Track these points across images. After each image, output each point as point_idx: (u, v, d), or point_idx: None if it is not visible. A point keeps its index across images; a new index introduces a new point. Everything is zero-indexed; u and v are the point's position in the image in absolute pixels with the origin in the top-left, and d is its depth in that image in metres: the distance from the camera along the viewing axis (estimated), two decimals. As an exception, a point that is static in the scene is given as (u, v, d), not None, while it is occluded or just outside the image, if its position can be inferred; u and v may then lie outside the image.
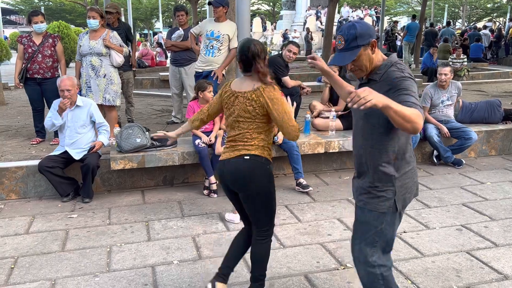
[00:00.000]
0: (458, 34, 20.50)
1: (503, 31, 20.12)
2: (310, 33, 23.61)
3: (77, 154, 4.47)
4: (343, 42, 2.12)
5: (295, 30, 25.93)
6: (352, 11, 30.01)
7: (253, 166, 2.53)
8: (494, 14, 38.50)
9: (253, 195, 2.55)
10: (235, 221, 3.95)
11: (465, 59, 12.93)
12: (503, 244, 3.53)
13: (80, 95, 5.38)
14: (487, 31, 20.28)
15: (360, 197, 2.26)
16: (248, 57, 2.53)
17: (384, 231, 2.20)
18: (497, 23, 33.99)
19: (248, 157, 2.53)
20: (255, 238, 2.67)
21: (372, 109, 2.04)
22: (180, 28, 6.55)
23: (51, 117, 4.51)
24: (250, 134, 2.55)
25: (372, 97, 1.78)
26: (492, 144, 5.99)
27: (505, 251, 3.41)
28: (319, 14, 28.26)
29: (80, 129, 4.50)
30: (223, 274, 2.74)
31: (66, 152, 4.47)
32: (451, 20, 28.54)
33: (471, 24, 35.54)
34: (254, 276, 2.71)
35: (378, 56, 2.18)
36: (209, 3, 5.55)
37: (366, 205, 2.22)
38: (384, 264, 2.24)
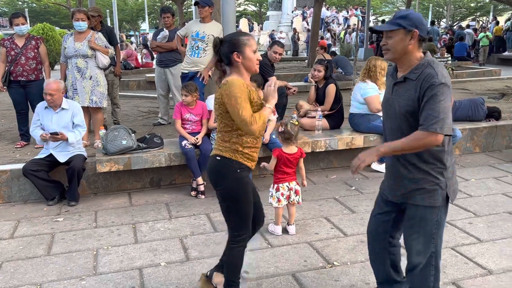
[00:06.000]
0: (443, 33, 20.74)
1: (487, 30, 20.41)
2: (296, 33, 23.72)
3: (62, 157, 4.43)
4: (391, 18, 2.26)
5: (281, 31, 26.00)
6: (332, 12, 30.20)
7: (221, 168, 2.51)
8: (478, 13, 39.00)
9: (220, 196, 2.56)
10: (277, 232, 3.75)
11: (449, 58, 13.09)
12: (487, 239, 3.58)
13: (66, 97, 5.35)
14: (470, 30, 20.55)
15: (410, 194, 2.30)
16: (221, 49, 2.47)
17: (440, 221, 2.30)
18: (481, 22, 34.45)
19: (219, 158, 2.52)
20: (228, 242, 2.65)
21: (409, 110, 2.20)
22: (165, 29, 6.53)
23: (37, 131, 4.45)
24: (223, 134, 2.51)
25: (363, 159, 2.19)
26: (476, 141, 6.08)
27: (489, 247, 3.46)
28: (305, 15, 28.38)
29: (62, 130, 4.45)
30: (220, 265, 2.85)
31: (51, 155, 4.43)
32: (435, 20, 28.87)
33: (455, 23, 35.97)
34: (225, 280, 2.69)
35: (416, 53, 2.22)
36: (196, 3, 5.55)
37: (421, 202, 2.27)
38: (440, 254, 2.35)
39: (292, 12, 28.98)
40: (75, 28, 5.29)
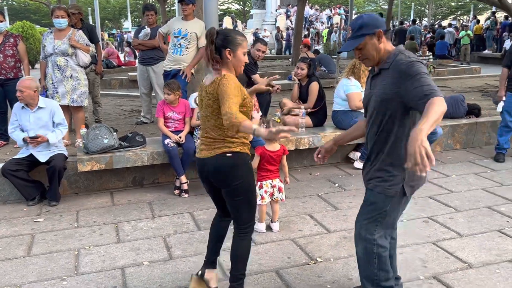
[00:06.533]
0: (425, 33, 21.01)
1: (468, 29, 20.72)
2: (280, 32, 23.76)
3: (42, 157, 4.35)
4: (350, 32, 2.29)
5: (265, 29, 26.00)
6: (314, 10, 30.35)
7: (235, 164, 2.51)
8: (458, 12, 39.58)
9: (237, 191, 2.53)
10: (261, 230, 3.73)
11: (431, 56, 13.26)
12: (467, 234, 3.64)
13: (46, 96, 5.27)
14: (451, 29, 20.84)
15: (370, 181, 2.38)
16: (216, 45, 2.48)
17: (388, 213, 2.34)
18: (461, 21, 34.98)
19: (230, 154, 2.50)
20: (236, 235, 2.65)
21: (385, 97, 2.21)
22: (146, 26, 6.48)
23: (17, 133, 4.37)
24: (224, 130, 2.48)
25: (426, 146, 1.77)
26: (456, 138, 6.16)
27: (469, 241, 3.51)
28: (289, 13, 28.44)
29: (41, 130, 4.37)
30: (209, 261, 2.83)
31: (31, 155, 4.35)
32: (417, 18, 29.20)
33: (437, 21, 36.45)
34: (234, 275, 2.66)
35: (387, 47, 2.29)
36: (180, 0, 5.50)
37: (375, 188, 2.34)
38: (382, 244, 2.38)
39: (276, 10, 29.00)
40: (55, 26, 5.21)
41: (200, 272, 2.84)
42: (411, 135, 1.84)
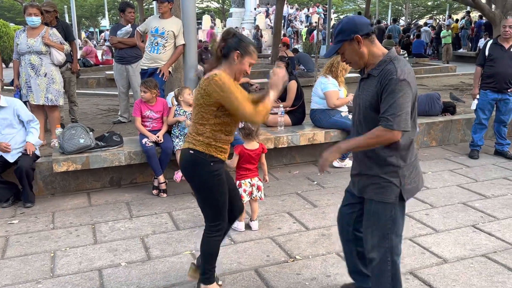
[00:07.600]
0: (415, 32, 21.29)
1: (443, 28, 21.08)
2: (259, 30, 23.77)
3: (11, 157, 4.22)
4: (334, 36, 2.28)
5: (243, 28, 25.99)
6: (295, 9, 30.48)
7: (195, 162, 2.55)
8: (435, 12, 40.27)
9: (195, 189, 2.62)
10: (240, 228, 3.73)
11: (405, 54, 13.45)
12: (442, 229, 3.71)
13: (20, 95, 5.16)
14: (427, 28, 21.18)
15: (366, 189, 2.34)
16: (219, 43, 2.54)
17: (395, 217, 2.30)
18: (437, 20, 35.59)
19: (192, 152, 2.55)
20: (204, 232, 2.70)
21: (369, 105, 2.21)
22: (129, 24, 6.40)
23: None
24: (197, 126, 2.54)
25: (326, 158, 2.27)
26: (432, 135, 6.27)
27: (444, 237, 3.58)
28: (268, 12, 28.47)
29: (7, 129, 4.25)
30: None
31: (1, 156, 4.23)
32: (396, 18, 29.59)
33: (413, 21, 37.01)
34: (201, 268, 2.74)
35: (374, 49, 2.24)
36: None
37: (373, 197, 2.30)
38: (397, 252, 2.35)
39: (255, 9, 29.00)
40: (28, 24, 5.10)
41: (196, 261, 2.92)
42: (334, 146, 2.27)
